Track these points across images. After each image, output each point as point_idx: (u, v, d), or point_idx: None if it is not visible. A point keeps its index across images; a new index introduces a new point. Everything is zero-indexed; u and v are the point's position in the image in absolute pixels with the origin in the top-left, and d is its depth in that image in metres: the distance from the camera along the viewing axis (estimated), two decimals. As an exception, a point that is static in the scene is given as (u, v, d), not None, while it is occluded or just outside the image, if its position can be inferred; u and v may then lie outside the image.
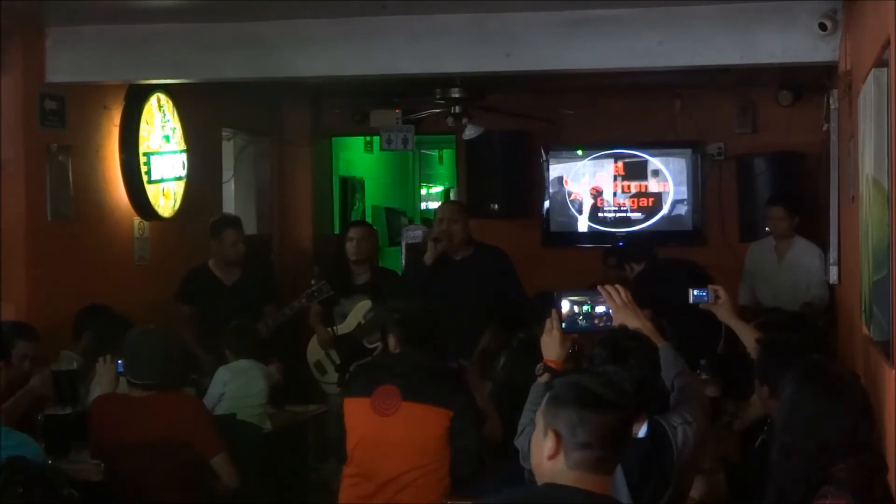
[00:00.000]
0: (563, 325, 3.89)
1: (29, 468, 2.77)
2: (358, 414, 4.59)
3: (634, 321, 3.93)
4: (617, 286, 4.01)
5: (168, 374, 5.10)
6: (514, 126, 9.25)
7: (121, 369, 5.17)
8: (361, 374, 4.97)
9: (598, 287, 4.01)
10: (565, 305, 3.91)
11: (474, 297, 6.54)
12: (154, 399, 4.98)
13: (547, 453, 2.71)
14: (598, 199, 9.52)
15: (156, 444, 4.88)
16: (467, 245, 6.71)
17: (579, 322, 3.92)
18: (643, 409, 3.62)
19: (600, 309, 3.93)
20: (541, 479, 2.75)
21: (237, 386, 5.90)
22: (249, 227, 8.91)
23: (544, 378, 3.80)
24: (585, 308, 3.92)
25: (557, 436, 2.70)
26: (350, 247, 7.36)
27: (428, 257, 6.61)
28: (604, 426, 2.68)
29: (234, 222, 7.35)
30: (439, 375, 4.63)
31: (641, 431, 3.60)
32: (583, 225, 9.56)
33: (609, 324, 3.91)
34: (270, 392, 6.04)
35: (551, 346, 3.89)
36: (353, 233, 7.44)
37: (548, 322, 3.92)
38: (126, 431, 4.93)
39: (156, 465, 4.88)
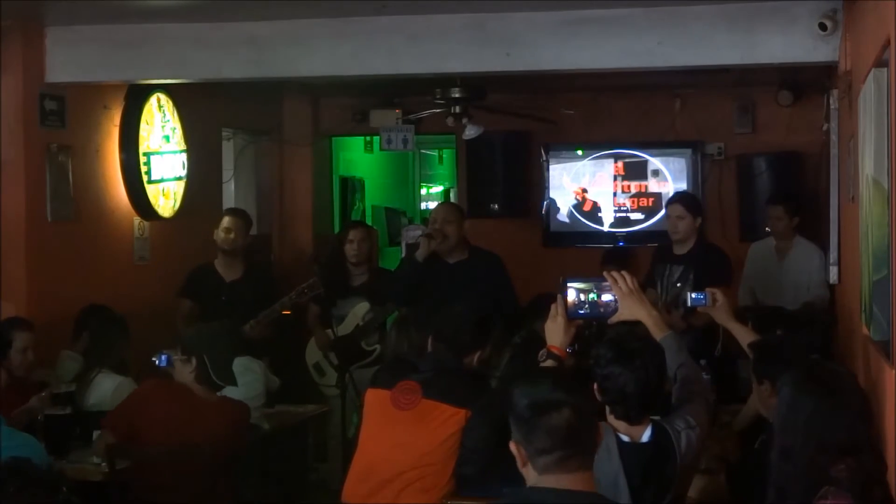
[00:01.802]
0: (568, 311, 3.83)
1: (29, 469, 2.76)
2: (376, 405, 4.59)
3: (640, 309, 3.88)
4: (623, 272, 3.95)
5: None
6: (514, 126, 9.24)
7: (164, 363, 5.09)
8: (389, 367, 4.96)
9: (605, 273, 3.95)
10: (571, 294, 3.85)
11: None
12: (220, 402, 4.99)
13: (519, 463, 2.75)
14: (591, 200, 9.50)
15: (208, 446, 4.79)
16: (462, 248, 6.63)
17: (584, 309, 3.87)
18: (647, 411, 3.62)
19: (606, 297, 3.87)
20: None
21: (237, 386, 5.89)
22: (250, 227, 8.91)
23: (548, 364, 3.80)
24: (591, 297, 3.86)
25: (518, 445, 2.73)
26: (350, 248, 7.35)
27: (420, 254, 6.54)
28: (553, 428, 2.67)
29: (232, 210, 7.39)
30: (463, 377, 4.62)
31: (645, 436, 3.59)
32: (583, 225, 9.55)
33: (615, 311, 3.86)
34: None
35: (555, 333, 3.85)
36: (352, 234, 7.43)
37: (552, 308, 3.87)
38: (179, 427, 4.85)
39: (187, 466, 4.79)
